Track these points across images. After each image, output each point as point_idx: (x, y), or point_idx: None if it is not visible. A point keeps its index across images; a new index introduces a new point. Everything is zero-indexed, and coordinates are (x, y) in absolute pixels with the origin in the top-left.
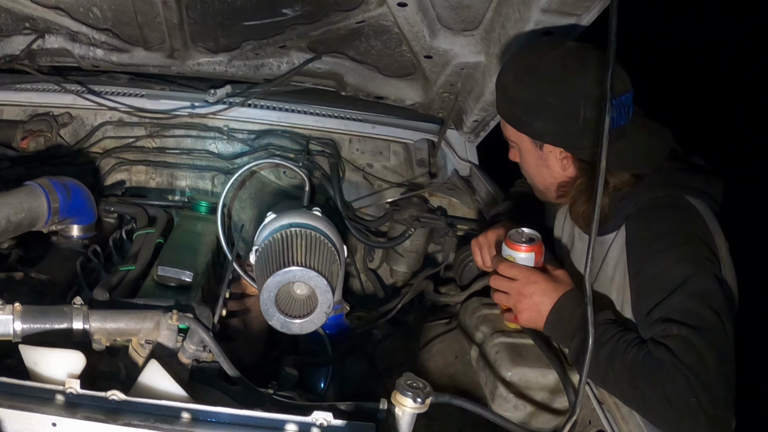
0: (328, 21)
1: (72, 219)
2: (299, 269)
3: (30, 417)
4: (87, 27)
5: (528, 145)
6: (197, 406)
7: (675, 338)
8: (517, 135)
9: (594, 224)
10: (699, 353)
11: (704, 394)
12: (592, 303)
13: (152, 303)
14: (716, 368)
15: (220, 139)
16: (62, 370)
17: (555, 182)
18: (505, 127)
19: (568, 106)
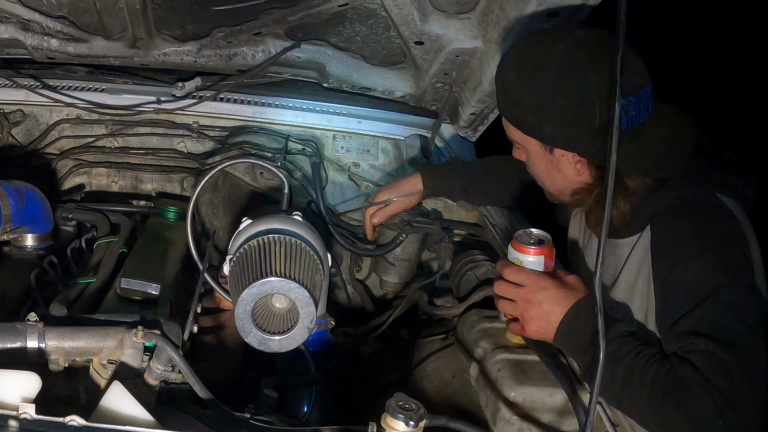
0: (307, 4)
1: (26, 227)
2: (278, 280)
3: None
4: (40, 14)
5: (537, 149)
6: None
7: (702, 354)
8: (523, 138)
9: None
10: (728, 372)
11: (733, 418)
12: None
13: (115, 318)
14: (747, 389)
15: (190, 137)
16: (16, 394)
17: (569, 187)
18: (509, 129)
19: (580, 108)
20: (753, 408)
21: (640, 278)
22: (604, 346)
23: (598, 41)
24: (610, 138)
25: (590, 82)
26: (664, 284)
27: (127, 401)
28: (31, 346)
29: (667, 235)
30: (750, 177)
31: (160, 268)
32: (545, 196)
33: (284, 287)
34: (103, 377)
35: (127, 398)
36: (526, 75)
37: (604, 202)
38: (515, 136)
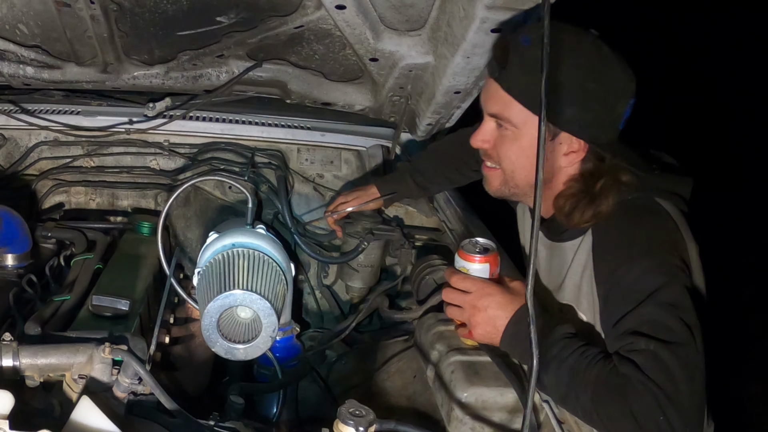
0: (265, 27)
1: (5, 248)
2: (241, 293)
3: None
4: (14, 44)
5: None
6: None
7: (643, 353)
8: (524, 116)
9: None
10: (668, 369)
11: (673, 412)
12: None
13: (86, 335)
14: (686, 385)
15: (161, 155)
16: None
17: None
18: (506, 106)
19: (609, 96)
20: (692, 402)
21: (584, 281)
22: (537, 354)
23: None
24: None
25: (617, 74)
26: (605, 287)
27: (95, 415)
28: (6, 364)
29: (608, 239)
30: (686, 179)
31: (131, 284)
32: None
33: (247, 299)
34: (75, 391)
35: (95, 412)
36: (561, 55)
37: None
38: (512, 115)
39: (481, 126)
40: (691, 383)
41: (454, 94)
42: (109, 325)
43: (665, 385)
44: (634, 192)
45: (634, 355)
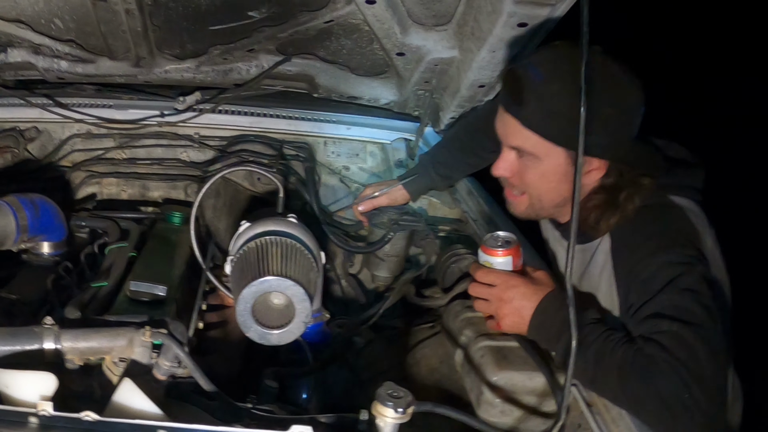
0: (295, 22)
1: (42, 236)
2: (275, 279)
3: None
4: (50, 39)
5: (560, 160)
6: (173, 424)
7: (666, 334)
8: (546, 149)
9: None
10: (691, 348)
11: (698, 390)
12: (575, 304)
13: (125, 319)
14: (709, 363)
15: (192, 147)
16: (34, 393)
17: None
18: (528, 140)
19: (624, 116)
20: (715, 381)
21: (602, 281)
22: (576, 334)
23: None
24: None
25: (630, 93)
26: (625, 284)
27: (137, 396)
28: (47, 347)
29: (625, 240)
30: (697, 171)
31: (166, 271)
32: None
33: (281, 285)
34: (115, 374)
35: (137, 393)
36: (571, 88)
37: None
38: (534, 148)
39: (502, 157)
40: (714, 362)
41: (478, 87)
42: (146, 310)
43: (689, 363)
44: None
45: (657, 336)
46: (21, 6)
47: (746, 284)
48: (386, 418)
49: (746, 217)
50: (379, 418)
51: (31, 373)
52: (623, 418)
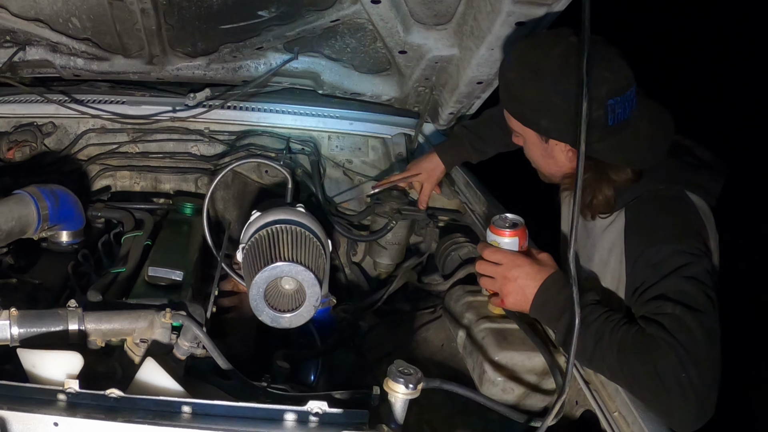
0: (303, 21)
1: (61, 225)
2: (286, 264)
3: (32, 418)
4: (67, 37)
5: (534, 138)
6: (197, 401)
7: (668, 316)
8: (522, 128)
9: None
10: (691, 331)
11: (695, 371)
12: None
13: (145, 302)
14: (707, 347)
15: (202, 142)
16: (61, 371)
17: (560, 171)
18: (510, 119)
19: (573, 106)
20: (712, 364)
21: (612, 257)
22: (579, 313)
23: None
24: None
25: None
26: (636, 264)
27: (160, 374)
28: (72, 329)
29: (639, 222)
30: (718, 176)
31: (181, 257)
32: None
33: (292, 270)
34: (137, 354)
35: (159, 372)
36: (526, 76)
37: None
38: (515, 126)
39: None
40: (712, 347)
41: (476, 84)
42: (163, 294)
43: (688, 345)
44: (664, 182)
45: (660, 317)
46: (40, 5)
47: None
48: (397, 393)
49: None
50: (390, 394)
51: (58, 353)
52: (620, 394)
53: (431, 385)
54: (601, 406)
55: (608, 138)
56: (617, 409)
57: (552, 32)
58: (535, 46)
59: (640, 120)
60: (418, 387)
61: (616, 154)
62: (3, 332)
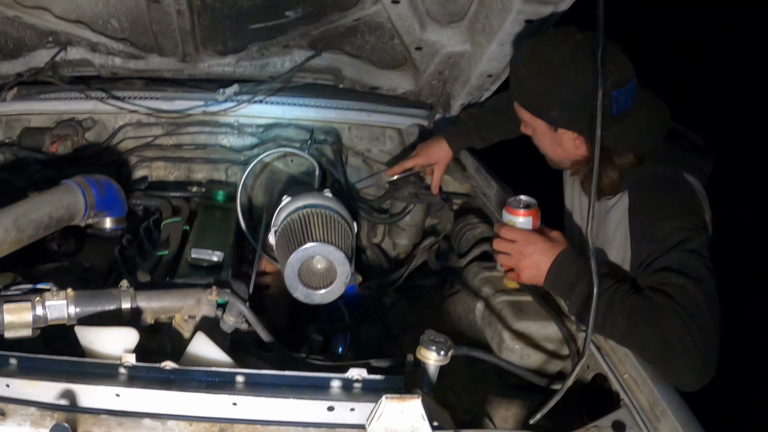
0: (327, 20)
1: (105, 212)
2: (319, 245)
3: (96, 390)
4: (106, 38)
5: (543, 128)
6: (250, 371)
7: (673, 286)
8: (532, 119)
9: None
10: (694, 300)
11: (699, 335)
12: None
13: (191, 282)
14: (709, 313)
15: (231, 134)
16: (117, 347)
17: (569, 158)
18: (520, 111)
19: (581, 98)
20: (713, 329)
21: (617, 234)
22: (597, 282)
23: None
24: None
25: (588, 76)
26: (641, 240)
27: (210, 347)
28: (125, 307)
29: (642, 202)
30: (709, 158)
31: (219, 240)
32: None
33: (324, 250)
34: (185, 330)
35: (209, 345)
36: (537, 70)
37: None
38: (524, 117)
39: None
40: (713, 314)
41: (487, 77)
42: (206, 274)
43: (692, 311)
44: (663, 164)
45: (665, 287)
46: (81, 8)
47: None
48: (430, 360)
49: None
50: (423, 360)
51: (115, 329)
52: (629, 357)
53: (460, 352)
54: (612, 370)
55: (613, 126)
56: (627, 372)
57: (558, 30)
58: (544, 43)
59: (639, 109)
60: (449, 354)
61: (620, 140)
62: (61, 312)
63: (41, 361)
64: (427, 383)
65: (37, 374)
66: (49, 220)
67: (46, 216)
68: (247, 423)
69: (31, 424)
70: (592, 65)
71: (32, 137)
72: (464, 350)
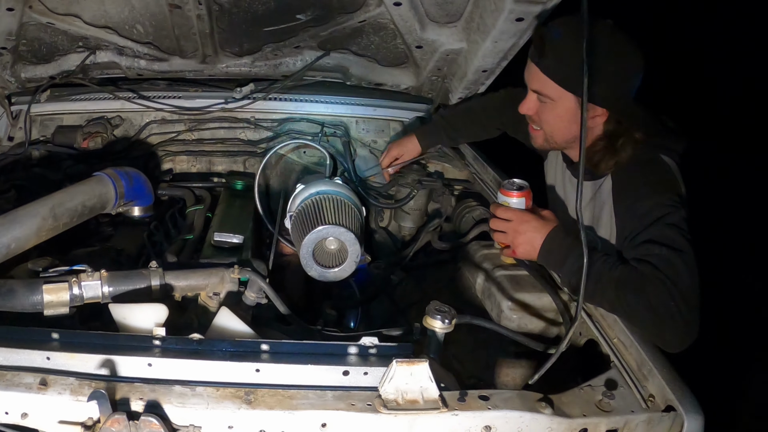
0: (335, 22)
1: (134, 201)
2: (331, 227)
3: (132, 360)
4: (132, 42)
5: (570, 103)
6: (274, 340)
7: (656, 256)
8: (559, 92)
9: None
10: (677, 268)
11: (681, 300)
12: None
13: (215, 261)
14: (690, 281)
15: (248, 128)
16: (148, 322)
17: (574, 136)
18: (546, 84)
19: (621, 74)
20: (694, 294)
21: (603, 213)
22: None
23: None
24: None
25: (631, 57)
26: (624, 217)
27: (234, 321)
28: (155, 285)
29: (624, 183)
30: (682, 139)
31: (239, 225)
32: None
33: (336, 232)
34: (210, 306)
35: (233, 318)
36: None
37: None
38: (550, 91)
39: (527, 98)
40: (694, 281)
41: (482, 72)
42: (228, 255)
43: (675, 279)
44: (643, 148)
45: (649, 258)
46: (109, 14)
47: None
48: (435, 328)
49: None
50: (429, 329)
51: (147, 305)
52: (617, 323)
53: (463, 320)
54: (603, 335)
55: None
56: (616, 336)
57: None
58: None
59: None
60: (453, 322)
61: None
62: (95, 291)
63: (79, 336)
64: (434, 349)
65: (76, 348)
66: (83, 208)
67: (80, 205)
68: (269, 388)
69: (70, 392)
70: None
71: (65, 135)
72: (467, 318)
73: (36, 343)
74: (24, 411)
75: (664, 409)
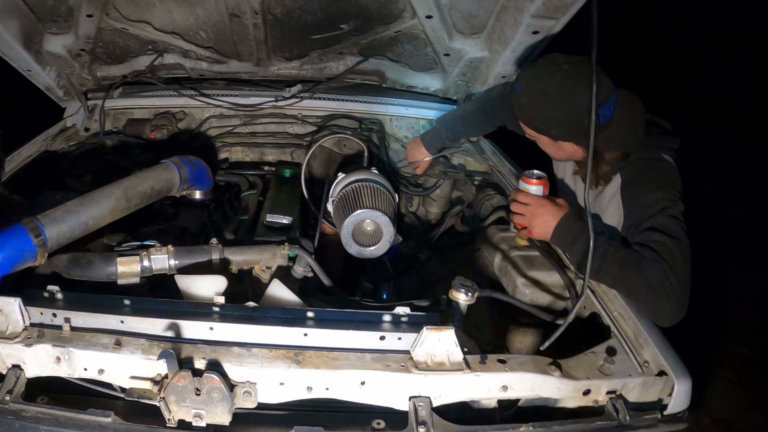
0: (374, 32)
1: (196, 186)
2: (369, 211)
3: (195, 324)
4: (195, 46)
5: (546, 140)
6: (318, 309)
7: (656, 242)
8: (536, 135)
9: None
10: (673, 253)
11: (675, 280)
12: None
13: (267, 239)
14: (683, 265)
15: (296, 124)
16: (209, 291)
17: (569, 158)
18: (525, 128)
19: (575, 119)
20: (687, 276)
21: (611, 205)
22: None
23: (580, 70)
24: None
25: (579, 102)
26: (631, 208)
27: (284, 291)
28: (215, 259)
29: (632, 179)
30: (677, 139)
31: (288, 208)
32: None
33: (373, 215)
34: (263, 278)
35: (283, 289)
36: (536, 100)
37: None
38: (530, 133)
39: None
40: (687, 265)
41: (501, 78)
42: (278, 234)
43: (671, 262)
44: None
45: (650, 243)
46: (176, 21)
47: None
48: (459, 300)
49: None
50: (454, 300)
51: (208, 277)
52: (617, 298)
53: (484, 293)
54: (604, 308)
55: (600, 134)
56: (616, 310)
57: (547, 61)
58: (537, 75)
59: (620, 111)
60: (475, 295)
61: (609, 143)
62: (163, 263)
63: (149, 302)
64: (458, 318)
65: (146, 313)
66: (152, 191)
67: (149, 188)
68: (315, 350)
69: (142, 352)
70: (579, 92)
71: (135, 127)
72: (487, 292)
73: (111, 309)
74: (101, 367)
75: (657, 374)
